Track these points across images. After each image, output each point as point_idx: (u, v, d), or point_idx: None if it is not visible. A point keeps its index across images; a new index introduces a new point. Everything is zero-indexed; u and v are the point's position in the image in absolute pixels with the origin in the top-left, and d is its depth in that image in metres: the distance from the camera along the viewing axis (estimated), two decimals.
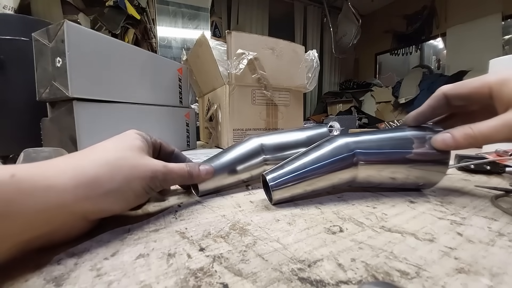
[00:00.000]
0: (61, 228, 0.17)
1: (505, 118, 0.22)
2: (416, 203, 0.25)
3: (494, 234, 0.18)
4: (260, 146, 0.32)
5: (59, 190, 0.16)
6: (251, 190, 0.31)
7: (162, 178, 0.22)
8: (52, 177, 0.16)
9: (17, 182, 0.14)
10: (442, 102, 0.26)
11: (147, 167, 0.21)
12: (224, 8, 2.91)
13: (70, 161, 0.18)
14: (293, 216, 0.22)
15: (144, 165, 0.20)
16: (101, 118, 0.50)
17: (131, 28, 1.70)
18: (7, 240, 0.14)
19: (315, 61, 0.81)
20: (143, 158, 0.21)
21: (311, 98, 3.60)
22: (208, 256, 0.16)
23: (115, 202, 0.19)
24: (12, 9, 1.18)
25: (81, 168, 0.17)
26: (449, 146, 0.24)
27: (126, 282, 0.13)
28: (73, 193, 0.16)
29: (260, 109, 0.74)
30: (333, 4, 3.37)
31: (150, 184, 0.21)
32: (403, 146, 0.26)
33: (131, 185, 0.19)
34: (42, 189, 0.15)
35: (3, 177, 0.14)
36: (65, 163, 0.18)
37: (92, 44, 0.48)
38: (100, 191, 0.17)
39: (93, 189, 0.17)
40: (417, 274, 0.14)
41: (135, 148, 0.21)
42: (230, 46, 0.67)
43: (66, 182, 0.16)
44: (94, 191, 0.17)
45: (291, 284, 0.13)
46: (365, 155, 0.25)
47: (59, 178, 0.16)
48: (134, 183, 0.19)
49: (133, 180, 0.19)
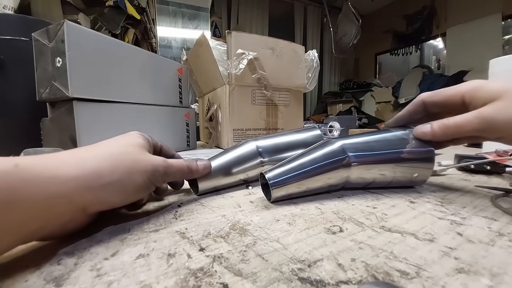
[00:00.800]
0: (60, 219, 0.17)
1: (477, 111, 0.24)
2: (416, 203, 0.25)
3: (494, 234, 0.18)
4: (256, 149, 0.33)
5: (60, 180, 0.16)
6: (251, 190, 0.31)
7: (162, 172, 0.22)
8: (55, 167, 0.16)
9: (21, 171, 0.14)
10: (420, 108, 0.29)
11: (149, 161, 0.21)
12: (224, 8, 2.91)
13: (73, 154, 0.18)
14: (293, 216, 0.22)
15: (146, 160, 0.21)
16: (101, 118, 0.50)
17: (131, 28, 1.70)
18: (11, 230, 0.14)
19: (315, 61, 0.81)
20: (145, 154, 0.22)
21: (311, 98, 3.60)
22: (208, 256, 0.16)
23: (115, 194, 0.19)
24: (12, 9, 1.18)
25: (83, 160, 0.18)
26: (427, 134, 0.26)
27: (126, 282, 0.13)
28: (74, 183, 0.16)
29: (260, 109, 0.74)
30: (333, 4, 3.37)
31: (151, 178, 0.21)
32: (391, 146, 0.28)
33: (132, 178, 0.20)
34: (44, 179, 0.15)
35: (7, 167, 0.14)
36: (69, 155, 0.18)
37: (92, 44, 0.48)
38: (101, 182, 0.18)
39: (94, 180, 0.17)
40: (417, 274, 0.14)
41: (137, 145, 0.22)
42: (230, 46, 0.67)
43: (68, 173, 0.16)
44: (95, 181, 0.17)
45: (291, 284, 0.13)
46: (357, 157, 0.27)
47: (61, 168, 0.16)
48: (135, 175, 0.20)
49: (135, 173, 0.20)
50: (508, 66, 0.54)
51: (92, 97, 0.48)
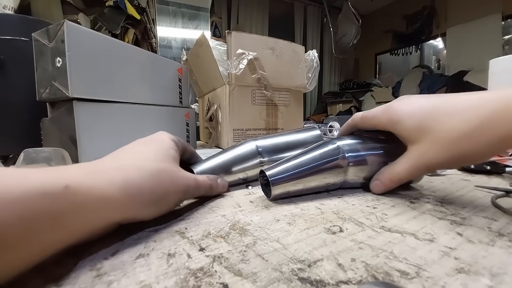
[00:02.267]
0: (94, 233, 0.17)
1: (411, 160, 0.25)
2: (416, 203, 0.25)
3: (494, 234, 0.18)
4: (256, 148, 0.33)
5: (108, 204, 0.16)
6: (251, 190, 0.31)
7: (192, 192, 0.24)
8: (103, 189, 0.16)
9: (71, 195, 0.14)
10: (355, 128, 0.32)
11: (183, 181, 0.22)
12: (224, 8, 2.91)
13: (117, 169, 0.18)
14: (293, 216, 0.22)
15: (181, 179, 0.22)
16: (101, 118, 0.50)
17: (131, 28, 1.70)
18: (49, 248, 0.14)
19: (315, 61, 0.81)
20: (180, 171, 0.22)
21: (311, 98, 3.60)
22: (208, 256, 0.16)
23: (151, 212, 0.19)
24: (12, 9, 1.18)
25: (128, 180, 0.18)
26: (382, 191, 0.28)
27: (126, 282, 0.13)
28: (120, 204, 0.17)
29: (260, 109, 0.74)
30: (333, 4, 3.37)
31: (182, 198, 0.23)
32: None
33: (167, 198, 0.21)
34: (93, 202, 0.15)
35: (56, 189, 0.14)
36: (114, 171, 0.18)
37: (92, 44, 0.48)
38: (142, 202, 0.18)
39: (136, 199, 0.18)
40: (417, 274, 0.14)
41: (171, 159, 0.22)
42: (230, 46, 0.67)
43: (115, 193, 0.16)
44: (136, 200, 0.18)
45: (291, 284, 0.13)
46: (354, 157, 0.28)
47: (108, 190, 0.16)
48: (170, 196, 0.21)
49: (171, 193, 0.21)
50: (508, 66, 0.54)
51: (92, 97, 0.48)
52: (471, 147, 0.21)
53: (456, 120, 0.22)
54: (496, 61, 0.57)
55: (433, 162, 0.24)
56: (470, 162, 0.33)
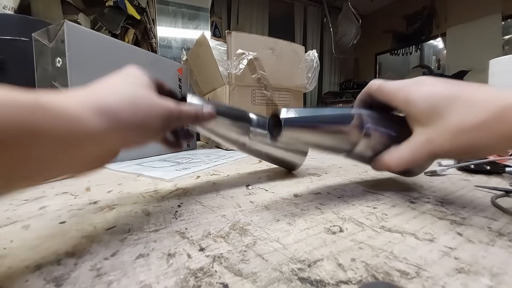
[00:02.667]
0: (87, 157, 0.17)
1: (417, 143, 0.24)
2: (416, 203, 0.25)
3: (494, 234, 0.18)
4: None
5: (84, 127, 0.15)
6: (251, 190, 0.31)
7: (176, 118, 0.23)
8: (74, 110, 0.15)
9: (44, 105, 0.13)
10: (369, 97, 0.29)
11: (163, 104, 0.21)
12: (224, 8, 2.91)
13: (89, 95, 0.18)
14: (293, 216, 0.22)
15: (161, 103, 0.21)
16: None
17: (131, 28, 1.70)
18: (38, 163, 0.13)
19: (315, 61, 0.81)
20: (157, 97, 0.22)
21: (311, 98, 3.60)
22: (208, 256, 0.16)
23: (135, 137, 0.19)
24: (12, 9, 1.18)
25: (104, 102, 0.17)
26: (382, 169, 0.27)
27: (126, 282, 0.13)
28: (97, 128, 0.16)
29: (260, 109, 0.74)
30: (333, 4, 3.37)
31: (166, 124, 0.22)
32: None
33: (150, 123, 0.20)
34: (67, 123, 0.14)
35: (28, 100, 0.13)
36: (85, 96, 0.17)
37: (92, 44, 0.48)
38: (122, 126, 0.18)
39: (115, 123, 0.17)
40: (417, 274, 0.14)
41: (147, 87, 0.22)
42: (230, 46, 0.67)
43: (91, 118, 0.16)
44: (115, 125, 0.17)
45: (291, 284, 0.13)
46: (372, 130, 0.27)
47: (83, 112, 0.15)
48: (152, 120, 0.20)
49: (152, 117, 0.20)
50: (508, 66, 0.54)
51: None
52: (481, 138, 0.21)
53: (469, 111, 0.22)
54: (496, 61, 0.57)
55: (439, 149, 0.23)
56: (478, 155, 0.31)
